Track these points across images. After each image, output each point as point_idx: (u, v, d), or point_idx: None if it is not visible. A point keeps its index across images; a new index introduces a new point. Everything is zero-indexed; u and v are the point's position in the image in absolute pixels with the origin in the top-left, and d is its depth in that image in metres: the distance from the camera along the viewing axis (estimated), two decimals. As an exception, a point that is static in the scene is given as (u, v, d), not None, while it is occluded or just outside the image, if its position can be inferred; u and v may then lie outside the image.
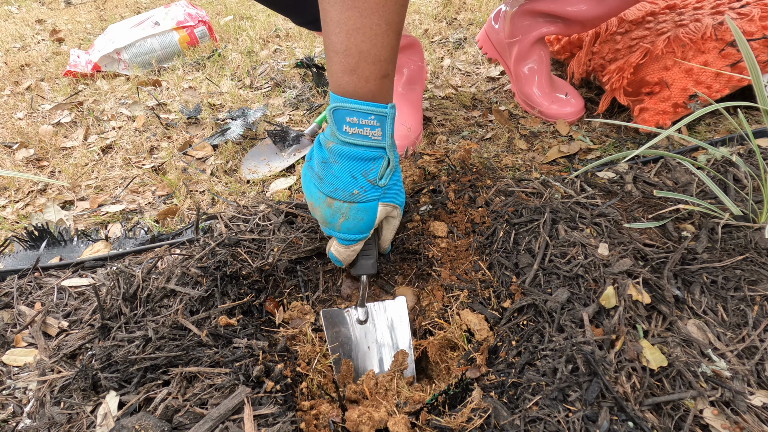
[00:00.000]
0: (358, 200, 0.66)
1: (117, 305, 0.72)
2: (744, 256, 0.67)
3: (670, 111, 1.02)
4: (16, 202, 1.21)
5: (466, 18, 1.94)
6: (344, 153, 0.64)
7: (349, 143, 0.64)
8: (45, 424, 0.59)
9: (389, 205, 0.71)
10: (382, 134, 0.64)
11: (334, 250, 0.73)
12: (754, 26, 0.96)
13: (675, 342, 0.59)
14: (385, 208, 0.70)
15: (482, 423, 0.54)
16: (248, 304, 0.72)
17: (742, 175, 0.80)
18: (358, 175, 0.65)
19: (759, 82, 0.65)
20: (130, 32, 1.94)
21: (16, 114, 1.67)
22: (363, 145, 0.64)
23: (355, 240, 0.71)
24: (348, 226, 0.68)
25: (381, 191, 0.68)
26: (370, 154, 0.65)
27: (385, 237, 0.78)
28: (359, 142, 0.64)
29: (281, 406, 0.57)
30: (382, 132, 0.64)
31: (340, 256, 0.73)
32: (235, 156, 1.27)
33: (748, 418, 0.51)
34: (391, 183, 0.69)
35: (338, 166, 0.65)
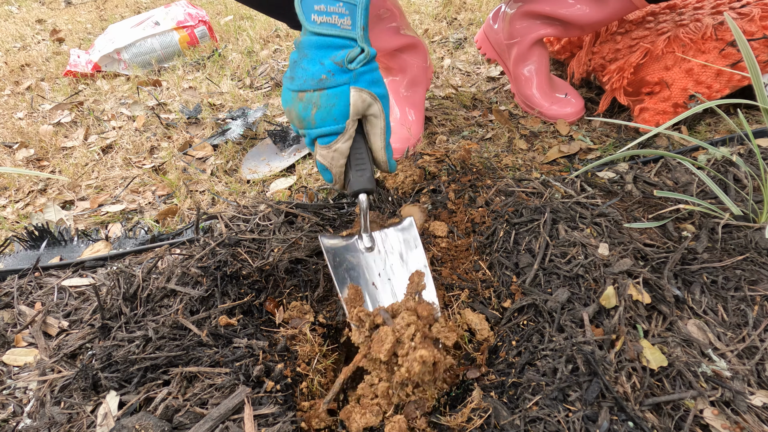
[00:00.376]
0: (327, 85, 0.62)
1: (117, 305, 0.72)
2: (744, 256, 0.67)
3: (670, 111, 1.02)
4: (16, 202, 1.21)
5: (466, 18, 1.94)
6: (312, 43, 0.62)
7: (318, 33, 0.62)
8: (45, 423, 0.59)
9: (364, 92, 0.65)
10: (351, 23, 0.62)
11: (319, 156, 0.68)
12: (755, 26, 0.96)
13: (675, 342, 0.59)
14: (360, 94, 0.64)
15: (482, 423, 0.54)
16: (248, 304, 0.72)
17: (742, 175, 0.80)
18: (326, 61, 0.62)
19: (759, 82, 0.65)
20: (131, 32, 1.94)
21: (16, 114, 1.67)
22: (332, 34, 0.62)
23: (331, 132, 0.65)
24: (321, 115, 0.64)
25: (351, 74, 0.63)
26: (339, 42, 0.62)
27: (374, 143, 0.70)
28: (328, 32, 0.61)
29: (281, 405, 0.57)
30: (351, 21, 0.62)
31: (325, 162, 0.68)
32: (235, 156, 1.27)
33: (748, 418, 0.51)
34: (365, 69, 0.65)
35: (307, 58, 0.63)
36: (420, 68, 1.18)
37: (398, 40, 1.11)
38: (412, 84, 1.18)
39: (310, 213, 0.88)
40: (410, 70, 1.16)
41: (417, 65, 1.17)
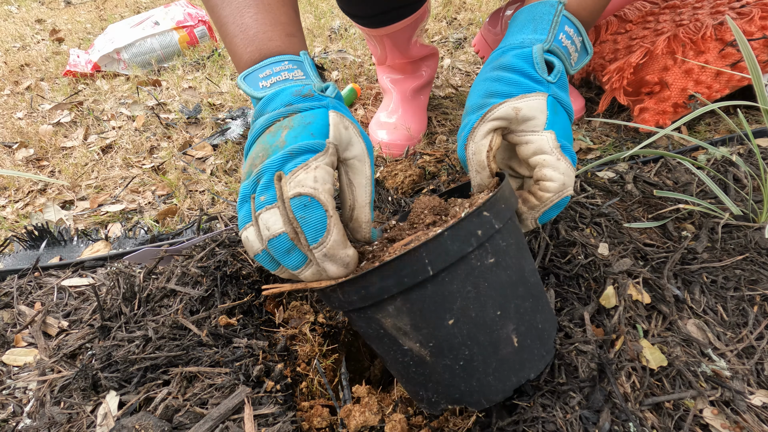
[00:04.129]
0: (300, 108, 0.50)
1: (117, 305, 0.72)
2: (744, 256, 0.67)
3: (670, 111, 1.02)
4: (16, 202, 1.21)
5: (465, 18, 1.94)
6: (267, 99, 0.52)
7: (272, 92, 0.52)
8: (45, 423, 0.59)
9: (346, 119, 0.51)
10: (304, 74, 0.54)
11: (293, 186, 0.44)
12: (754, 26, 0.96)
13: (675, 342, 0.59)
14: (341, 119, 0.50)
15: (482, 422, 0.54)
16: (248, 304, 0.72)
17: (742, 175, 0.80)
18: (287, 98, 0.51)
19: (759, 82, 0.65)
20: (130, 32, 1.94)
21: (16, 114, 1.67)
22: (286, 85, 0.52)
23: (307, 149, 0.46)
24: (294, 133, 0.48)
25: (327, 100, 0.52)
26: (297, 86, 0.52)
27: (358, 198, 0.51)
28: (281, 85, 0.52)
29: (281, 405, 0.57)
30: (303, 72, 0.54)
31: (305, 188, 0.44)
32: (235, 156, 1.27)
33: (748, 417, 0.51)
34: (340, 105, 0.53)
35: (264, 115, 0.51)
36: (432, 75, 1.23)
37: (423, 50, 1.16)
38: (420, 87, 1.21)
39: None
40: (423, 76, 1.20)
41: (429, 73, 1.22)
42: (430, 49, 1.19)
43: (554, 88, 0.54)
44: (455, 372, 0.46)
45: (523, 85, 0.53)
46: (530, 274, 0.50)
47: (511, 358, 0.47)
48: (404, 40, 1.08)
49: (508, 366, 0.47)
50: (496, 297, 0.46)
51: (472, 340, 0.45)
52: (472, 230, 0.44)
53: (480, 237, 0.44)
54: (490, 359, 0.46)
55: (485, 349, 0.46)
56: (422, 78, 1.20)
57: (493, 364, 0.47)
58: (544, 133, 0.52)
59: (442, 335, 0.45)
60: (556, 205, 0.53)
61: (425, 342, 0.45)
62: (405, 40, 1.08)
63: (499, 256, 0.46)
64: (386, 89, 1.23)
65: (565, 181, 0.52)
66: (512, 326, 0.47)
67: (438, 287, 0.44)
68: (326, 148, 0.47)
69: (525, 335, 0.48)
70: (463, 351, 0.45)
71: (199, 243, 0.80)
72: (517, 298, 0.47)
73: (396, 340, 0.47)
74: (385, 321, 0.46)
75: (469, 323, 0.45)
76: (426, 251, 0.42)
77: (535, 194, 0.53)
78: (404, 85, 1.20)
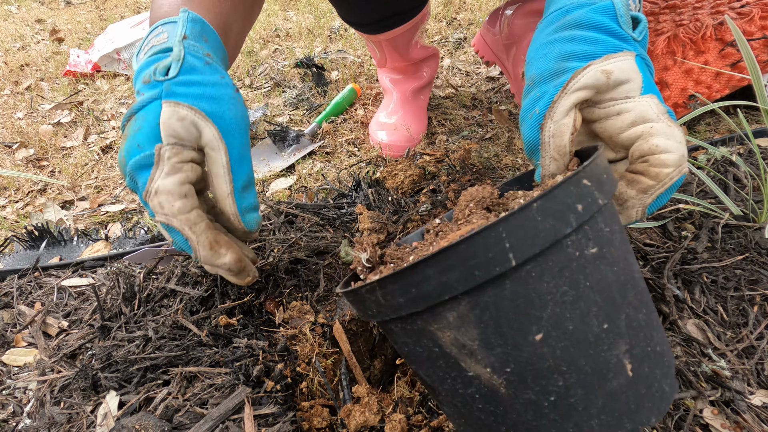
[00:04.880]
0: (134, 110, 0.46)
1: (117, 305, 0.72)
2: (744, 256, 0.67)
3: (670, 111, 1.02)
4: (16, 202, 1.21)
5: (465, 18, 1.94)
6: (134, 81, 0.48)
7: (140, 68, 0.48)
8: (45, 423, 0.59)
9: (182, 107, 0.44)
10: (168, 35, 0.48)
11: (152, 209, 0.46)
12: (754, 26, 0.96)
13: (675, 341, 0.59)
14: (175, 110, 0.44)
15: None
16: (248, 304, 0.72)
17: (742, 175, 0.80)
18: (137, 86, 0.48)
19: (759, 82, 0.65)
20: (130, 32, 1.94)
21: (15, 114, 1.67)
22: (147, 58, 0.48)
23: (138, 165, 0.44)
24: (126, 147, 0.45)
25: (161, 87, 0.45)
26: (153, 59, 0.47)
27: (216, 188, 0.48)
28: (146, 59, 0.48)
29: (281, 405, 0.57)
30: (169, 34, 0.48)
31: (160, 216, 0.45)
32: (235, 156, 1.27)
33: (748, 417, 0.51)
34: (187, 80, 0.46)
35: None
36: (432, 76, 1.23)
37: (424, 52, 1.16)
38: (421, 88, 1.21)
39: (310, 213, 0.88)
40: (424, 77, 1.20)
41: (430, 74, 1.22)
42: (430, 50, 1.19)
43: (639, 47, 0.45)
44: (542, 411, 0.33)
45: (607, 44, 0.43)
46: (639, 275, 0.38)
47: (623, 393, 0.33)
48: (404, 44, 1.08)
49: (619, 405, 0.33)
50: (602, 303, 0.32)
51: (568, 364, 0.32)
52: (570, 203, 0.31)
53: (580, 214, 0.31)
54: (594, 394, 0.32)
55: (587, 379, 0.32)
56: (423, 79, 1.20)
57: (598, 401, 0.32)
58: (642, 98, 0.42)
59: (525, 357, 0.32)
60: (672, 186, 0.42)
61: (500, 366, 0.32)
62: (405, 43, 1.08)
63: (604, 246, 0.33)
64: (386, 89, 1.23)
65: (684, 151, 0.41)
66: (624, 347, 0.33)
67: (521, 285, 0.31)
68: (157, 159, 0.43)
69: (642, 360, 0.34)
70: (555, 380, 0.32)
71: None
72: (628, 307, 0.34)
73: (457, 362, 0.33)
74: (443, 335, 0.33)
75: (564, 339, 0.31)
76: (507, 229, 0.29)
77: (647, 172, 0.42)
78: (405, 86, 1.20)
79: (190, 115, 0.44)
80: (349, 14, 0.99)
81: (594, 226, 0.33)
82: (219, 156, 0.46)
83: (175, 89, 0.45)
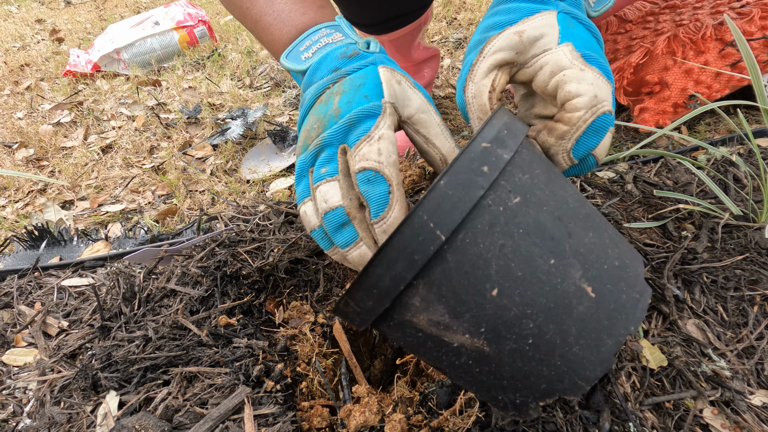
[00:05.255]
0: (347, 71, 0.48)
1: (117, 305, 0.72)
2: (744, 256, 0.67)
3: (670, 111, 1.02)
4: (16, 202, 1.21)
5: (465, 18, 1.94)
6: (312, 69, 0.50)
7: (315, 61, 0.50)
8: (45, 423, 0.59)
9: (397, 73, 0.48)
10: (343, 35, 0.51)
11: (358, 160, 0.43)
12: (754, 26, 0.96)
13: (675, 341, 0.59)
14: (392, 74, 0.47)
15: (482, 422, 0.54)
16: (248, 304, 0.72)
17: (742, 175, 0.80)
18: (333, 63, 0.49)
19: (759, 82, 0.65)
20: (130, 32, 1.94)
21: (16, 114, 1.67)
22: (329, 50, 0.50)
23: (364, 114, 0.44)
24: (346, 99, 0.46)
25: (374, 55, 0.49)
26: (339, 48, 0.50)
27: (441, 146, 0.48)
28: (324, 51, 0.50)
29: (281, 405, 0.57)
30: (342, 33, 0.51)
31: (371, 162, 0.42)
32: (235, 156, 1.27)
33: (748, 417, 0.51)
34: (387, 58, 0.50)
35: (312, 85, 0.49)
36: (433, 76, 1.23)
37: (425, 53, 1.16)
38: None
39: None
40: (425, 77, 1.21)
41: (430, 74, 1.22)
42: (431, 51, 1.19)
43: (563, 4, 0.46)
44: (528, 355, 0.35)
45: (524, 9, 0.46)
46: (579, 203, 0.39)
47: (592, 314, 0.35)
48: (407, 45, 1.08)
49: (593, 326, 0.35)
50: (541, 242, 0.35)
51: (531, 306, 0.34)
52: (474, 168, 0.34)
53: (488, 174, 0.34)
54: (566, 323, 0.35)
55: (554, 313, 0.34)
56: (424, 79, 1.20)
57: (572, 329, 0.35)
58: (558, 47, 0.43)
59: (491, 313, 0.34)
60: (592, 128, 0.42)
61: (475, 329, 0.35)
62: (407, 44, 1.08)
63: (526, 192, 0.36)
64: None
65: (597, 92, 0.42)
66: (578, 273, 0.35)
67: (461, 253, 0.34)
68: (384, 110, 0.45)
69: (601, 280, 0.36)
70: (526, 324, 0.34)
71: (199, 243, 0.80)
72: (571, 237, 0.36)
73: (441, 339, 0.36)
74: (418, 320, 0.36)
75: (518, 286, 0.34)
76: (425, 211, 0.33)
77: (561, 118, 0.43)
78: None
79: (404, 81, 0.48)
80: (353, 14, 0.99)
81: (510, 179, 0.36)
82: (433, 117, 0.48)
83: (385, 59, 0.49)
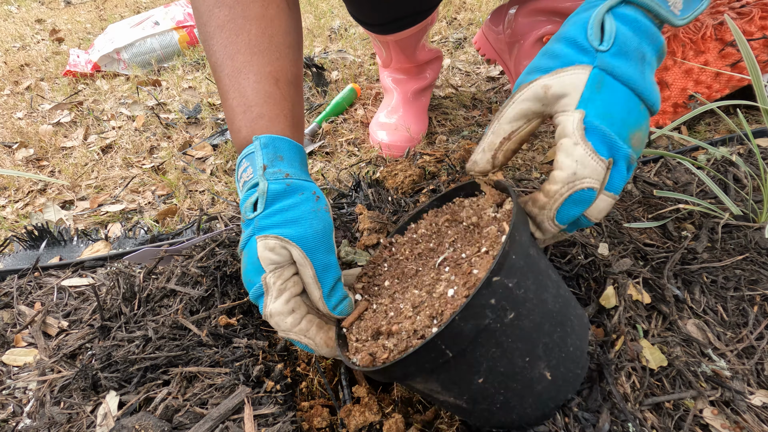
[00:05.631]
0: (241, 248, 0.54)
1: (117, 305, 0.72)
2: (744, 256, 0.67)
3: (669, 111, 1.02)
4: (16, 202, 1.21)
5: (465, 18, 1.94)
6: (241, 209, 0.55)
7: None
8: (45, 423, 0.59)
9: (269, 238, 0.50)
10: (253, 169, 0.54)
11: None
12: (754, 26, 0.96)
13: (675, 341, 0.59)
14: (265, 242, 0.50)
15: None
16: (248, 304, 0.72)
17: (742, 175, 0.80)
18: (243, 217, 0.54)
19: (759, 82, 0.65)
20: (130, 32, 1.94)
21: (15, 114, 1.67)
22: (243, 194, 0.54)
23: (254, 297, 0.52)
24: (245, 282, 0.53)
25: (252, 224, 0.51)
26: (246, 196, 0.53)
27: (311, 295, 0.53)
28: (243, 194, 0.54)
29: (281, 405, 0.57)
30: (253, 168, 0.54)
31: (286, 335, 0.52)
32: (234, 156, 1.27)
33: (748, 417, 0.51)
34: (272, 210, 0.52)
35: None
36: (434, 78, 1.23)
37: (429, 54, 1.17)
38: (423, 89, 1.21)
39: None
40: (427, 78, 1.21)
41: (432, 75, 1.22)
42: (435, 52, 1.19)
43: (606, 57, 0.44)
44: (494, 412, 0.48)
45: (563, 58, 0.45)
46: (553, 301, 0.47)
47: (546, 390, 0.47)
48: (411, 46, 1.08)
49: (544, 397, 0.48)
50: (523, 347, 0.44)
51: (505, 389, 0.46)
52: (484, 303, 0.41)
53: (494, 305, 0.41)
54: (525, 398, 0.47)
55: (519, 393, 0.46)
56: (426, 80, 1.20)
57: (529, 400, 0.47)
58: (573, 112, 0.43)
59: (474, 391, 0.46)
60: (570, 201, 0.44)
61: (459, 396, 0.47)
62: (412, 45, 1.08)
63: (519, 307, 0.43)
64: (388, 89, 1.23)
65: (577, 170, 0.42)
66: (543, 364, 0.46)
67: (461, 360, 0.43)
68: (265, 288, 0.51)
69: (557, 366, 0.47)
70: (498, 398, 0.46)
71: (199, 243, 0.80)
72: (544, 336, 0.46)
73: (433, 395, 0.49)
74: (417, 386, 0.48)
75: (499, 377, 0.45)
76: (442, 340, 0.41)
77: (543, 188, 0.45)
78: (407, 86, 1.20)
79: (278, 243, 0.50)
80: (360, 14, 0.99)
81: (509, 299, 0.42)
82: (307, 271, 0.51)
83: (262, 223, 0.51)
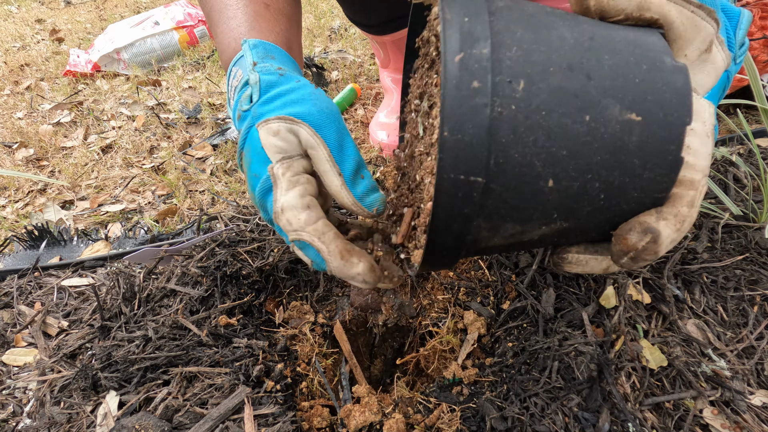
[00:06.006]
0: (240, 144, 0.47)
1: (117, 305, 0.72)
2: (744, 256, 0.67)
3: (670, 111, 1.02)
4: (16, 202, 1.21)
5: (466, 18, 1.94)
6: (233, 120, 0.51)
7: None
8: (45, 423, 0.59)
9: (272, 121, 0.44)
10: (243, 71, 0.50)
11: None
12: (754, 26, 0.96)
13: (675, 341, 0.59)
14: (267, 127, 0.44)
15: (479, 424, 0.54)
16: (248, 304, 0.72)
17: (742, 175, 0.80)
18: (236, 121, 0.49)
19: (756, 82, 0.65)
20: (130, 32, 1.94)
21: (16, 114, 1.67)
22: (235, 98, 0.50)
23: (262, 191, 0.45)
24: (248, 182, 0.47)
25: (250, 114, 0.46)
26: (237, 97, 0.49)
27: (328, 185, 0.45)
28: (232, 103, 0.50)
29: (281, 405, 0.57)
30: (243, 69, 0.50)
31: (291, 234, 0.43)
32: (235, 156, 1.27)
33: (748, 417, 0.51)
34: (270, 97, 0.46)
35: None
36: None
37: None
38: None
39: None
40: None
41: None
42: None
43: None
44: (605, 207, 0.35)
45: None
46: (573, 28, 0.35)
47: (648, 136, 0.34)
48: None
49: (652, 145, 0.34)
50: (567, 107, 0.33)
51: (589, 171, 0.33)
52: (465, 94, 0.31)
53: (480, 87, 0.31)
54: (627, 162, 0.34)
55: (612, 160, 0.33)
56: None
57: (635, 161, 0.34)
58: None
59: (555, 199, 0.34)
60: None
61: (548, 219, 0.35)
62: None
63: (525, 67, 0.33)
64: (388, 89, 1.23)
65: None
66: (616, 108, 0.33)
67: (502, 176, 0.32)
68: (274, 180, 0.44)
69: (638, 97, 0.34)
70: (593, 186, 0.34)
71: (199, 243, 0.80)
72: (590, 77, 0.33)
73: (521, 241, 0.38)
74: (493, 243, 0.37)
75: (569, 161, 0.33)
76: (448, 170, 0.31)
77: None
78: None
79: (282, 125, 0.44)
80: (356, 15, 0.99)
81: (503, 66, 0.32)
82: (320, 152, 0.44)
83: (260, 110, 0.45)
